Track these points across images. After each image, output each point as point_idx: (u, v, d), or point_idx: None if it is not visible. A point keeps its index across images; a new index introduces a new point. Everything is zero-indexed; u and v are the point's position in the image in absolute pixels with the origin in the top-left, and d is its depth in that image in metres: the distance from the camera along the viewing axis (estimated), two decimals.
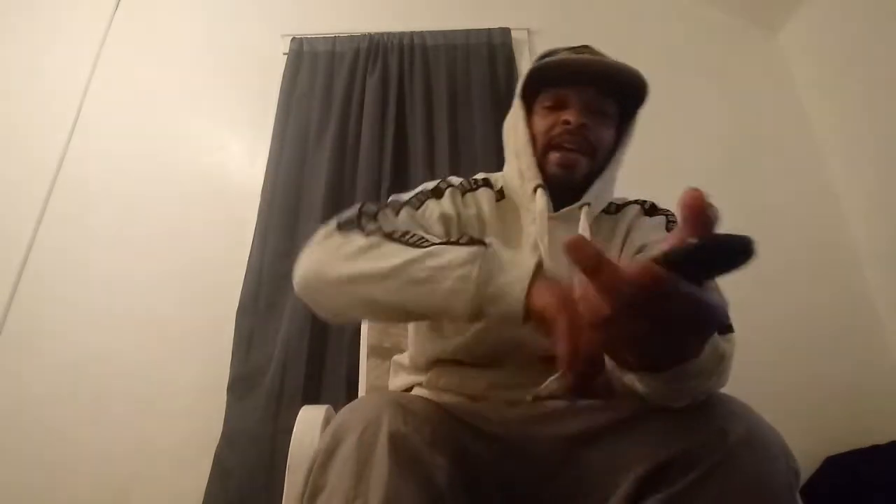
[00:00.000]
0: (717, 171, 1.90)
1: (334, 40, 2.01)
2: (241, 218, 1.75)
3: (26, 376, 1.57)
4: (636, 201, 0.96)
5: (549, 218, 0.83)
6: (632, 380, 0.54)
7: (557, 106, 0.89)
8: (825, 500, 1.41)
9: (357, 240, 0.65)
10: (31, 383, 1.56)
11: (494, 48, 1.97)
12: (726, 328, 0.60)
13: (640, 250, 0.84)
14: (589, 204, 0.87)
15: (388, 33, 2.00)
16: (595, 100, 0.88)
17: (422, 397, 0.60)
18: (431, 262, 0.57)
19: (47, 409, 1.53)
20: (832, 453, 1.47)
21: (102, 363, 1.59)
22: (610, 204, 0.95)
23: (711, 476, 0.51)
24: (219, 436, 1.44)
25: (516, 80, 1.90)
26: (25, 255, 1.72)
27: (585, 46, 0.94)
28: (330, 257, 0.66)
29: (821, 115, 1.93)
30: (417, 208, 0.82)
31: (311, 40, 2.02)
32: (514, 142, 0.92)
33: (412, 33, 2.00)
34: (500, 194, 0.91)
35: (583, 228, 0.83)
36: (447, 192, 0.87)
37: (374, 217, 0.72)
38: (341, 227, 0.69)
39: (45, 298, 1.67)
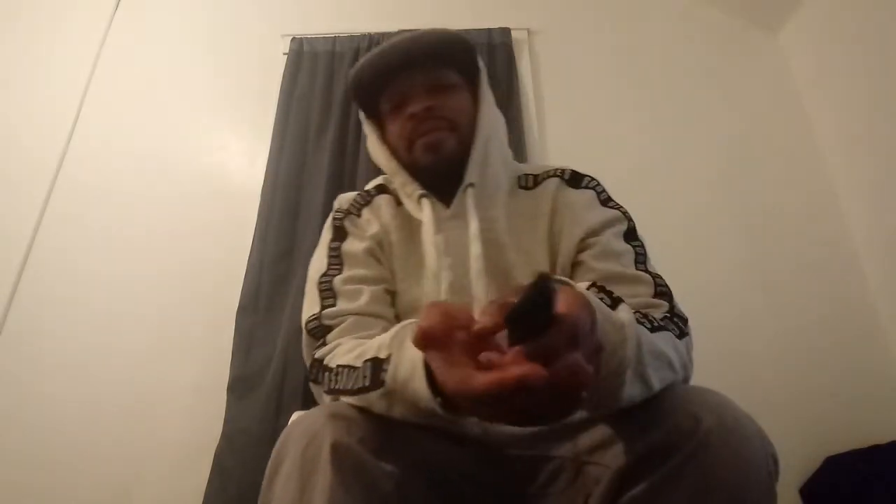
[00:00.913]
0: (716, 171, 1.90)
1: (334, 40, 2.01)
2: (241, 218, 1.75)
3: (26, 376, 1.57)
4: (554, 172, 0.90)
5: (441, 220, 0.82)
6: None
7: (399, 104, 0.86)
8: (825, 500, 1.41)
9: (325, 397, 0.67)
10: (31, 383, 1.56)
11: (494, 48, 1.97)
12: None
13: (584, 242, 0.79)
14: (473, 184, 0.83)
15: (389, 33, 1.98)
16: (428, 77, 0.85)
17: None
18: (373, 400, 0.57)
19: (47, 409, 1.53)
20: (832, 453, 1.47)
21: (102, 363, 1.58)
22: (526, 176, 0.90)
23: (688, 464, 0.51)
24: (219, 436, 1.44)
25: (516, 79, 1.91)
26: (25, 255, 1.72)
27: (398, 32, 0.92)
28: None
29: (821, 115, 1.93)
30: (340, 270, 0.80)
31: (312, 40, 2.02)
32: (380, 162, 0.89)
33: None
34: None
35: (470, 214, 0.80)
36: (347, 227, 0.86)
37: (321, 366, 0.68)
38: (312, 382, 0.72)
39: (45, 298, 1.67)
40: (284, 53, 2.01)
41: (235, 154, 1.93)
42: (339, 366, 0.64)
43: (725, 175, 1.90)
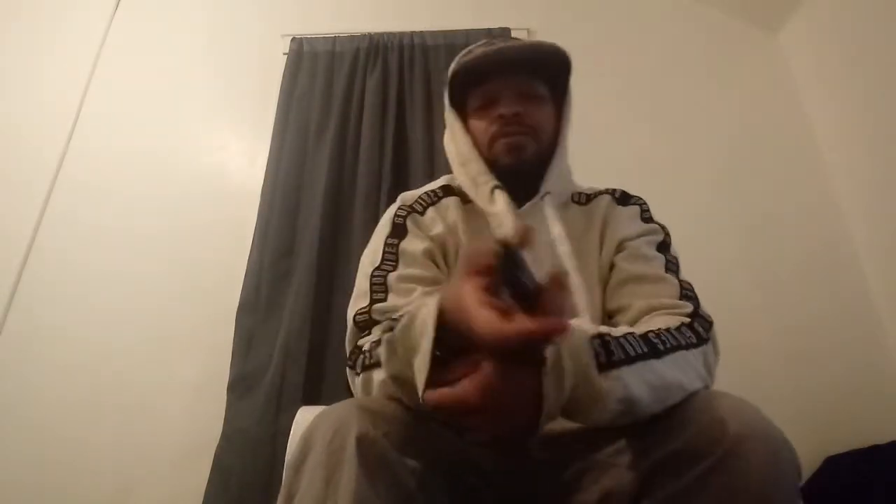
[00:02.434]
0: (716, 171, 1.90)
1: (334, 40, 2.01)
2: (241, 218, 1.75)
3: (26, 376, 1.57)
4: (606, 190, 0.95)
5: (515, 215, 0.82)
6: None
7: (488, 104, 0.88)
8: (825, 500, 1.41)
9: (356, 381, 0.69)
10: (31, 383, 1.56)
11: None
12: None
13: (620, 246, 0.83)
14: (549, 193, 0.86)
15: (388, 33, 1.99)
16: (522, 85, 0.88)
17: (395, 401, 0.60)
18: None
19: (47, 408, 1.53)
20: (832, 453, 1.47)
21: (102, 363, 1.58)
22: (579, 194, 0.94)
23: (715, 471, 0.50)
24: (219, 436, 1.44)
25: None
26: (25, 255, 1.72)
27: (501, 38, 0.94)
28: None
29: (821, 115, 1.93)
30: (395, 267, 0.80)
31: (312, 40, 2.02)
32: (458, 152, 0.90)
33: (412, 33, 1.99)
34: (468, 195, 0.89)
35: (551, 219, 0.83)
36: (408, 225, 0.85)
37: (360, 351, 0.70)
38: (349, 368, 0.73)
39: (45, 298, 1.67)
40: (284, 53, 2.01)
41: (235, 154, 1.93)
42: (372, 342, 0.66)
43: (725, 174, 1.90)
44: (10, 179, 1.83)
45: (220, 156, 1.92)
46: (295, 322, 1.54)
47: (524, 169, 0.87)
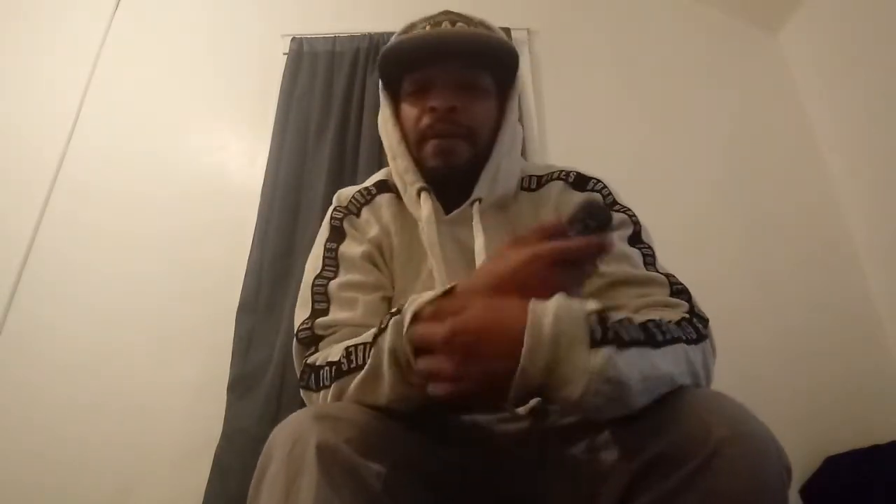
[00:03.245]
0: (716, 171, 1.90)
1: (334, 40, 2.01)
2: (241, 218, 1.75)
3: (26, 376, 1.57)
4: (559, 174, 0.86)
5: (441, 222, 0.78)
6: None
7: (422, 90, 0.80)
8: (825, 500, 1.41)
9: (319, 398, 0.66)
10: (31, 383, 1.56)
11: None
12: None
13: None
14: (480, 200, 0.79)
15: (388, 33, 1.98)
16: (462, 75, 0.80)
17: (358, 406, 0.59)
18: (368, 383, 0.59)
19: (47, 408, 1.53)
20: (832, 453, 1.47)
21: (102, 363, 1.58)
22: (530, 177, 0.86)
23: (700, 473, 0.49)
24: (219, 436, 1.44)
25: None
26: (25, 255, 1.72)
27: (446, 12, 0.86)
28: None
29: (821, 115, 1.93)
30: (336, 274, 0.77)
31: (311, 40, 2.02)
32: (388, 141, 0.84)
33: None
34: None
35: (476, 230, 0.77)
36: (345, 227, 0.81)
37: (312, 368, 0.68)
38: (303, 388, 0.70)
39: (45, 298, 1.67)
40: (284, 53, 2.01)
41: (235, 154, 1.93)
42: (350, 346, 0.64)
43: (725, 174, 1.90)
44: (10, 179, 1.83)
45: (220, 156, 1.92)
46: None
47: (454, 172, 0.80)
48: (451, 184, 0.81)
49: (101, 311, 1.65)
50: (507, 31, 2.00)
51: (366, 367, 0.59)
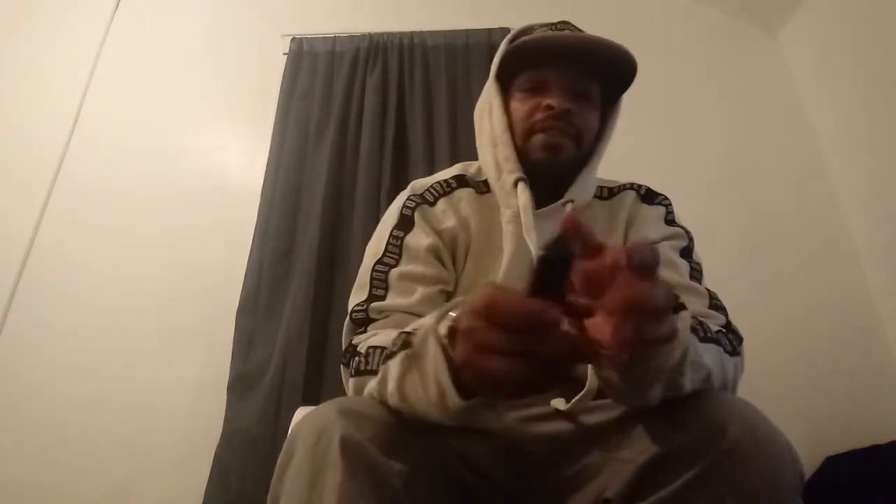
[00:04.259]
0: (716, 172, 1.90)
1: (334, 40, 2.01)
2: (241, 218, 1.75)
3: (26, 376, 1.57)
4: (630, 186, 0.91)
5: (533, 215, 0.78)
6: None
7: (537, 89, 0.83)
8: (825, 500, 1.41)
9: (348, 382, 0.68)
10: (31, 383, 1.56)
11: (494, 48, 1.95)
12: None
13: None
14: (573, 201, 0.82)
15: (388, 33, 1.99)
16: (578, 81, 0.82)
17: (381, 403, 0.58)
18: (388, 388, 0.57)
19: (47, 408, 1.53)
20: (832, 453, 1.47)
21: (102, 363, 1.59)
22: (601, 188, 0.90)
23: (713, 473, 0.50)
24: (219, 436, 1.44)
25: None
26: (25, 255, 1.72)
27: (565, 22, 0.89)
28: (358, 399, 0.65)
29: (821, 115, 1.93)
30: (397, 262, 0.77)
31: (311, 40, 2.02)
32: (490, 129, 0.86)
33: (412, 33, 1.99)
34: (483, 186, 0.86)
35: None
36: (416, 218, 0.81)
37: (354, 351, 0.68)
38: (343, 365, 0.72)
39: (45, 298, 1.67)
40: (284, 53, 2.01)
41: (235, 154, 1.93)
42: (369, 347, 0.65)
43: (725, 174, 1.90)
44: (10, 179, 1.83)
45: (220, 156, 1.92)
46: (295, 322, 1.54)
47: (555, 170, 0.83)
48: (544, 181, 0.82)
49: (101, 311, 1.65)
50: (506, 31, 2.00)
51: (399, 358, 0.55)
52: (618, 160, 1.80)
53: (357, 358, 0.66)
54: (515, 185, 0.80)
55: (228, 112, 2.00)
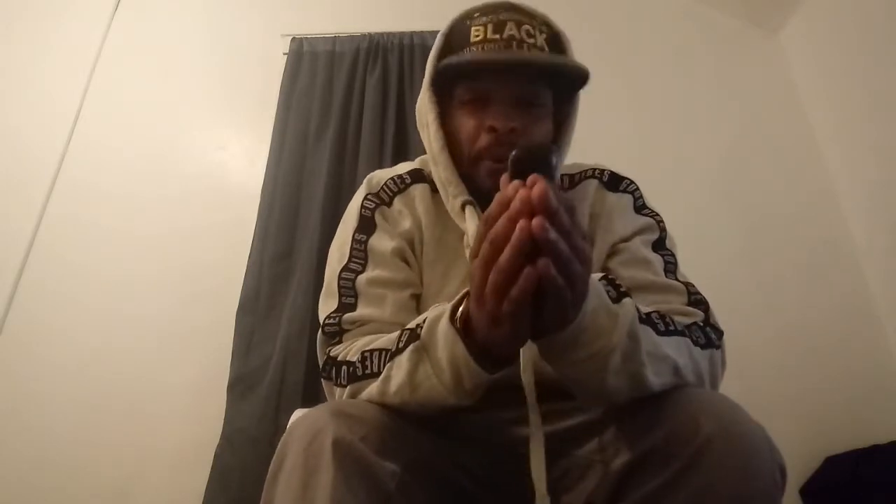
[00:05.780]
0: (716, 172, 1.90)
1: (334, 40, 2.01)
2: (241, 218, 1.75)
3: (26, 376, 1.57)
4: (592, 172, 0.85)
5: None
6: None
7: (479, 100, 0.76)
8: (825, 500, 1.41)
9: (337, 392, 0.67)
10: (31, 383, 1.56)
11: None
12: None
13: (614, 248, 0.77)
14: None
15: (388, 33, 1.99)
16: (524, 91, 0.76)
17: (374, 404, 0.59)
18: (394, 385, 0.58)
19: (47, 409, 1.53)
20: (832, 453, 1.47)
21: (102, 363, 1.59)
22: (562, 176, 0.84)
23: (687, 471, 0.49)
24: (219, 436, 1.44)
25: None
26: (25, 255, 1.72)
27: (507, 7, 0.80)
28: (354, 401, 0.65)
29: (821, 115, 1.93)
30: (364, 267, 0.75)
31: (311, 40, 2.02)
32: (428, 145, 0.81)
33: (412, 33, 1.99)
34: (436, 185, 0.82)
35: None
36: (377, 219, 0.79)
37: (335, 362, 0.67)
38: (324, 378, 0.70)
39: (45, 298, 1.67)
40: (284, 53, 2.01)
41: (235, 154, 1.93)
42: (365, 352, 0.64)
43: (725, 174, 1.90)
44: (10, 179, 1.83)
45: (220, 156, 1.92)
46: (295, 322, 1.54)
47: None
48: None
49: (101, 311, 1.65)
50: None
51: (408, 352, 0.58)
52: (618, 160, 1.81)
53: (346, 367, 0.65)
54: (463, 208, 0.76)
55: (228, 112, 2.00)
